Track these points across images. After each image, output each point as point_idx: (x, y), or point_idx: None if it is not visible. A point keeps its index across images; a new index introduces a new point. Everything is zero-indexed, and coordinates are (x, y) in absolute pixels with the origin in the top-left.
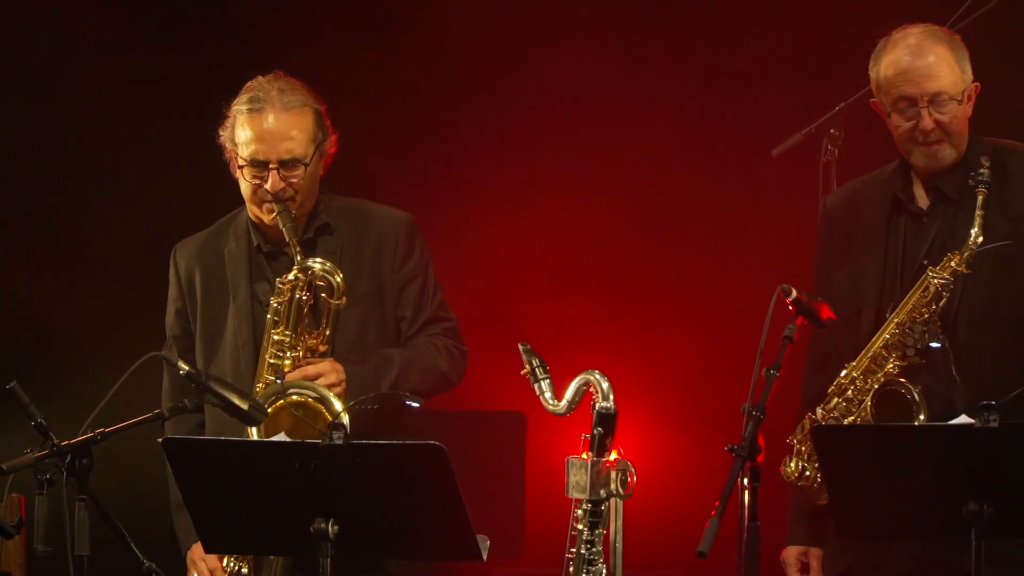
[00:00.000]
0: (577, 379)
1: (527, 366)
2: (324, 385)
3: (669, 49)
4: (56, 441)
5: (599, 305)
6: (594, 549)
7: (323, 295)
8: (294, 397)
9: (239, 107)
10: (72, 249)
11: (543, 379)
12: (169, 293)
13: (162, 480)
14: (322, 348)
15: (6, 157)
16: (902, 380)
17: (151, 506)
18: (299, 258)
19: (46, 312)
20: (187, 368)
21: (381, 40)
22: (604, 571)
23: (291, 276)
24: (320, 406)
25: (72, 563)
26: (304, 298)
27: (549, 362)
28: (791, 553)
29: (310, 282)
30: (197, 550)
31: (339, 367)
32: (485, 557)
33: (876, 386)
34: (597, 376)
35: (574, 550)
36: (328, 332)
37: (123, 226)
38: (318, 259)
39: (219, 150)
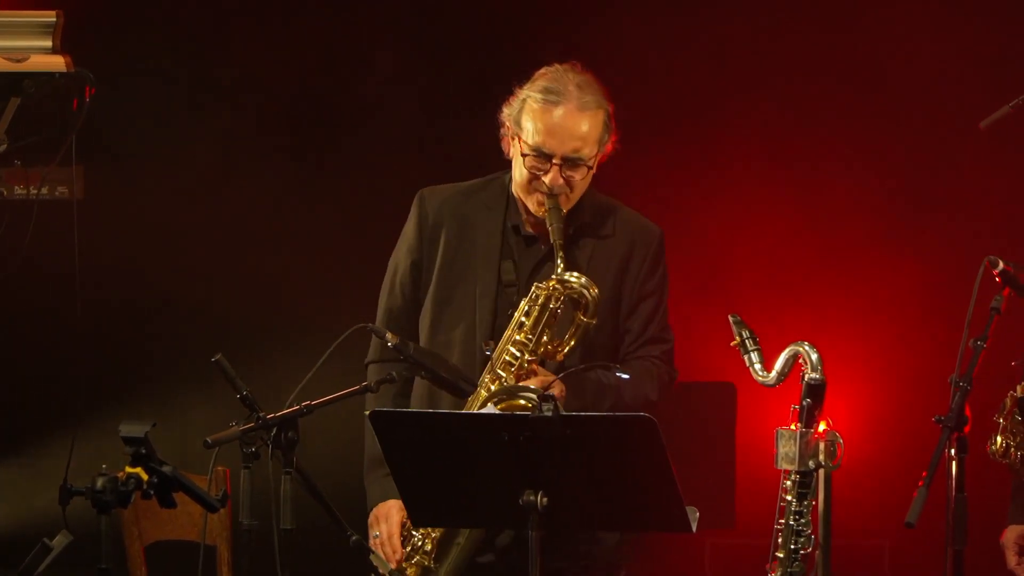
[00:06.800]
0: (787, 350)
1: (737, 337)
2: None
3: (870, 23)
4: (262, 414)
5: (809, 277)
6: (803, 520)
7: (578, 312)
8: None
9: (533, 93)
10: (278, 222)
11: (753, 350)
12: (405, 238)
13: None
14: (559, 357)
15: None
16: None
17: (357, 479)
18: (560, 268)
19: (253, 285)
20: (395, 340)
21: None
22: (813, 541)
23: (551, 285)
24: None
25: (277, 537)
26: (558, 309)
27: (759, 333)
28: (1010, 535)
29: (567, 295)
30: (382, 508)
31: (562, 387)
32: (695, 528)
33: None
34: (806, 347)
35: (783, 521)
36: (572, 344)
37: (328, 200)
38: (575, 273)
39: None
